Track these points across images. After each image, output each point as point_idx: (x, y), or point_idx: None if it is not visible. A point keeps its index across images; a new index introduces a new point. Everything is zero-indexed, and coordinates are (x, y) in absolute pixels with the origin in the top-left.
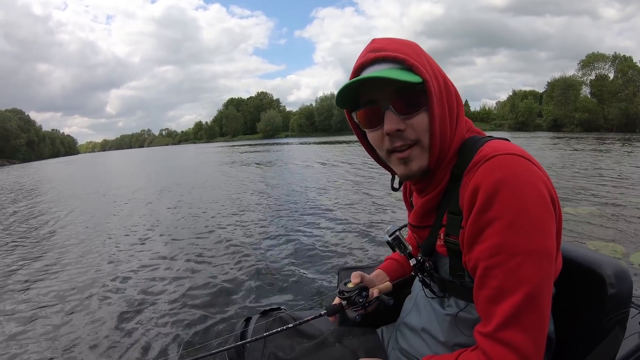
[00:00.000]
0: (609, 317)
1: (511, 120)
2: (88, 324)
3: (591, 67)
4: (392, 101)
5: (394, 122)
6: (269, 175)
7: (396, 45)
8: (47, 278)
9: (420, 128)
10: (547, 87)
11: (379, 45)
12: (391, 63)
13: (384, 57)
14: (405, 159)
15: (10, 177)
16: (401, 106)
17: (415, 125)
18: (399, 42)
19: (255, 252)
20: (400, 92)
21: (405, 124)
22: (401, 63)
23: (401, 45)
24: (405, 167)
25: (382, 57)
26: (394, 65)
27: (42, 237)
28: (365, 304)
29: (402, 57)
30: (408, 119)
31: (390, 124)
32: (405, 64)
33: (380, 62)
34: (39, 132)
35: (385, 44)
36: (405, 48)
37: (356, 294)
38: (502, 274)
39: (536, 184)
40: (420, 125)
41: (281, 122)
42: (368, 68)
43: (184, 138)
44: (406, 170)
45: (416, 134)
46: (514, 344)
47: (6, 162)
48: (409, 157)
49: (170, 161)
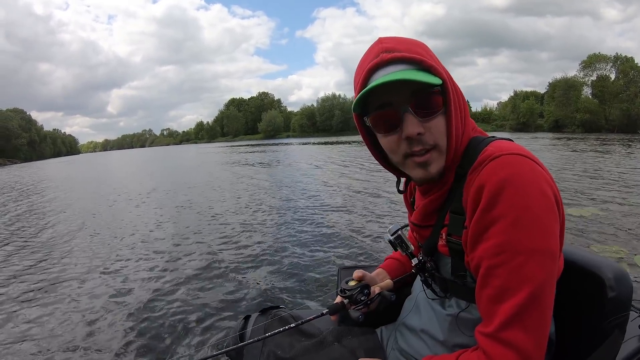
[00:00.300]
0: (608, 320)
1: (512, 121)
2: (83, 322)
3: (592, 67)
4: (411, 104)
5: (415, 125)
6: (269, 174)
7: (408, 46)
8: (45, 276)
9: (438, 131)
10: (548, 87)
11: (390, 45)
12: (407, 64)
13: (401, 58)
14: (424, 163)
15: (11, 176)
16: (420, 109)
17: (434, 129)
18: (409, 42)
19: (255, 250)
20: (418, 95)
21: (424, 127)
22: (418, 64)
23: (413, 45)
24: (425, 171)
25: (398, 58)
26: (411, 67)
27: (43, 237)
28: (367, 301)
29: (420, 58)
30: (427, 122)
31: (411, 128)
32: (423, 65)
33: (395, 63)
34: (40, 132)
35: (396, 43)
36: (417, 48)
37: (358, 292)
38: (505, 273)
39: (540, 184)
40: (438, 128)
41: (282, 122)
42: (381, 69)
43: (185, 138)
44: (425, 174)
45: (434, 138)
46: (516, 344)
47: (7, 161)
48: (428, 161)
49: (172, 161)
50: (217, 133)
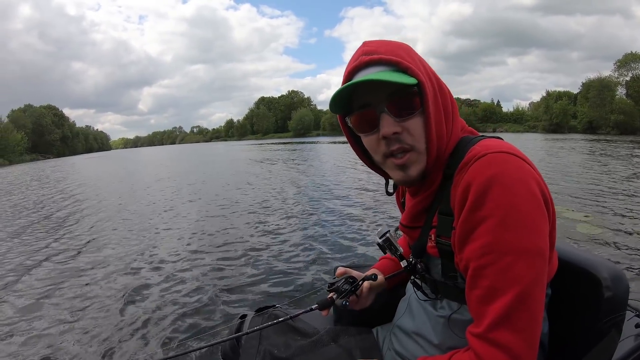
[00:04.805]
0: (604, 319)
1: (545, 122)
2: (83, 311)
3: (628, 67)
4: (388, 104)
5: (390, 125)
6: (283, 173)
7: (389, 48)
8: (68, 266)
9: (417, 132)
10: (581, 87)
11: (371, 47)
12: (385, 66)
13: (378, 60)
14: (403, 165)
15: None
16: (397, 109)
17: (411, 129)
18: (392, 44)
19: (256, 250)
20: (395, 95)
21: (402, 127)
22: (395, 65)
23: (394, 47)
24: (404, 174)
25: (375, 60)
26: (388, 68)
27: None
28: (351, 289)
29: (396, 60)
30: (404, 122)
31: (387, 127)
32: (400, 66)
33: (374, 65)
34: (73, 128)
35: (378, 46)
36: (398, 50)
37: (343, 282)
38: (492, 274)
39: (527, 182)
40: (416, 128)
41: (312, 120)
42: (361, 71)
43: (215, 135)
44: (404, 177)
45: (412, 139)
46: (505, 344)
47: (40, 156)
48: (407, 163)
49: (202, 157)
50: (247, 131)
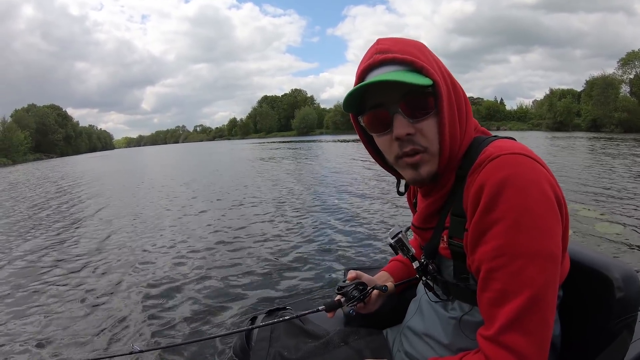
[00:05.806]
0: (616, 320)
1: (549, 120)
2: (93, 303)
3: (631, 65)
4: (401, 105)
5: (404, 126)
6: (288, 171)
7: (403, 46)
8: (73, 259)
9: (430, 133)
10: (585, 85)
11: (385, 46)
12: (399, 65)
13: (392, 59)
14: (415, 164)
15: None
16: (410, 110)
17: (425, 130)
18: (406, 42)
19: (264, 250)
20: (409, 95)
21: (415, 128)
22: (410, 65)
23: (408, 46)
24: (415, 172)
25: (389, 59)
26: (403, 67)
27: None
28: (360, 297)
29: (411, 59)
30: (417, 123)
31: (400, 129)
32: (415, 65)
33: (388, 64)
34: (76, 128)
35: (392, 44)
36: (412, 49)
37: (353, 288)
38: (504, 277)
39: (541, 184)
40: (429, 130)
41: (315, 119)
42: (375, 70)
43: (219, 134)
44: (415, 175)
45: (426, 140)
46: (516, 347)
47: (44, 155)
48: (419, 162)
49: (207, 157)
50: (250, 130)
